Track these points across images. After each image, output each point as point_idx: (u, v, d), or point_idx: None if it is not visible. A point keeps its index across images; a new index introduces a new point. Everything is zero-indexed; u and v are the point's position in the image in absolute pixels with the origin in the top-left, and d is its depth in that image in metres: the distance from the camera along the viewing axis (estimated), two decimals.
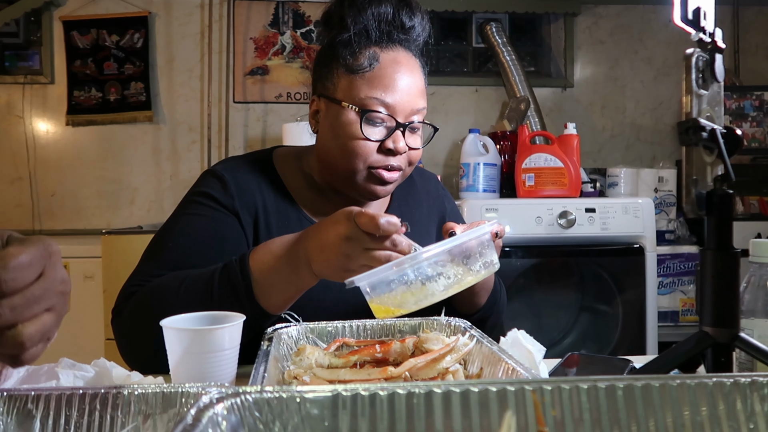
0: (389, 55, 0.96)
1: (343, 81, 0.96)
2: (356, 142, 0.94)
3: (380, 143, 0.95)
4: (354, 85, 0.95)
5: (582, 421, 0.46)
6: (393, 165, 0.95)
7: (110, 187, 3.14)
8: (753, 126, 3.05)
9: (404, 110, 0.95)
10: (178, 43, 3.18)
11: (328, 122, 0.98)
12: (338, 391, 0.45)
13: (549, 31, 3.46)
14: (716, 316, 0.72)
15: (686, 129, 0.71)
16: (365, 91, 0.94)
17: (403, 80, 0.95)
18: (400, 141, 0.95)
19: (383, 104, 0.94)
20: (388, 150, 0.95)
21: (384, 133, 0.95)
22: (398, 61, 0.96)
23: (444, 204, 1.19)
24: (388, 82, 0.94)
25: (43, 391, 0.55)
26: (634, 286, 2.31)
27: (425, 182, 1.19)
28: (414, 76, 0.97)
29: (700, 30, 0.73)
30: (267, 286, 0.82)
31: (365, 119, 0.94)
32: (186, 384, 0.55)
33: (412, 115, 0.96)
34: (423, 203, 1.15)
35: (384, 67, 0.95)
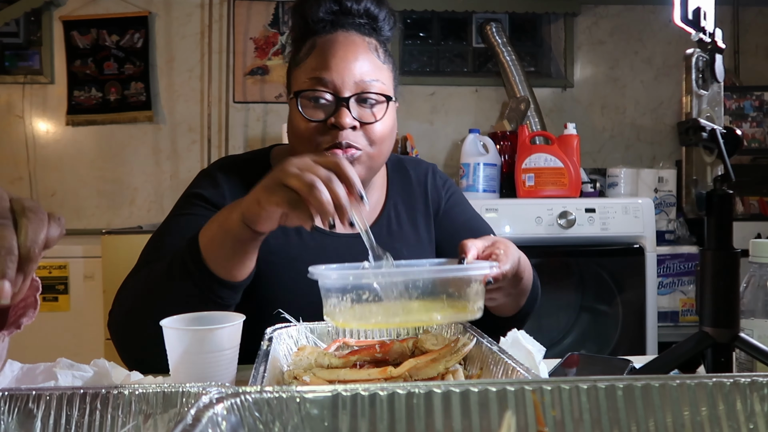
0: (326, 39, 0.95)
1: (291, 76, 0.98)
2: (300, 126, 0.93)
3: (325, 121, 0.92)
4: (296, 75, 0.96)
5: (582, 422, 0.46)
6: (343, 143, 0.91)
7: (110, 187, 3.14)
8: (753, 126, 3.05)
9: (346, 84, 0.92)
10: (178, 43, 3.18)
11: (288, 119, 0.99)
12: (338, 391, 0.45)
13: (549, 31, 3.46)
14: (716, 317, 0.72)
15: (686, 129, 0.71)
16: (303, 76, 0.94)
17: (338, 56, 0.93)
18: (345, 116, 0.91)
19: (320, 82, 0.92)
20: (333, 126, 0.92)
21: (328, 111, 0.93)
22: (335, 40, 0.95)
23: (439, 195, 1.13)
24: (322, 60, 0.93)
25: (43, 391, 0.55)
26: (634, 286, 2.31)
27: (419, 175, 1.14)
28: (355, 50, 0.94)
29: (700, 30, 0.73)
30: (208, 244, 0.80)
31: (303, 99, 0.93)
32: (186, 384, 0.55)
33: (360, 89, 0.93)
34: (419, 199, 1.12)
35: (320, 49, 0.95)
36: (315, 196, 0.69)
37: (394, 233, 1.06)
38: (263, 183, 0.74)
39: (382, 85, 0.95)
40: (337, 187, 0.70)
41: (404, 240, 1.05)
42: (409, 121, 3.26)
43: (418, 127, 3.25)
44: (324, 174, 0.70)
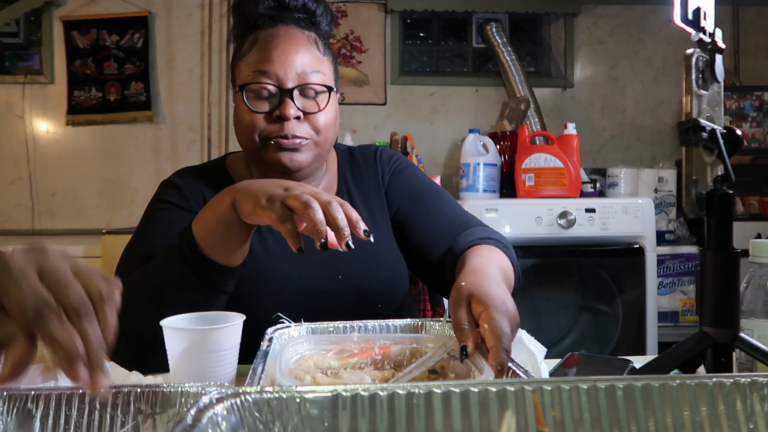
0: (267, 33, 0.98)
1: (235, 70, 1.00)
2: (245, 117, 0.96)
3: (270, 113, 0.95)
4: (240, 69, 0.99)
5: (582, 422, 0.46)
6: (288, 131, 0.94)
7: (110, 187, 3.14)
8: (753, 126, 3.05)
9: (288, 76, 0.95)
10: (178, 43, 3.18)
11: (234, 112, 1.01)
12: (338, 391, 0.45)
13: (549, 31, 3.46)
14: (716, 317, 0.72)
15: (686, 129, 0.71)
16: (246, 70, 0.97)
17: (280, 49, 0.96)
18: (289, 108, 0.94)
19: (264, 75, 0.95)
20: (278, 118, 0.95)
21: (272, 103, 0.96)
22: (276, 34, 0.98)
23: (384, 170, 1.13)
24: (264, 54, 0.96)
25: (42, 391, 0.55)
26: (634, 286, 2.31)
27: (367, 159, 1.15)
28: (295, 43, 0.97)
29: (700, 30, 0.73)
30: (201, 230, 0.82)
31: (248, 92, 0.96)
32: (186, 384, 0.55)
33: (302, 81, 0.95)
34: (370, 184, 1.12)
35: (261, 42, 0.97)
36: (309, 215, 0.70)
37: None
38: (264, 190, 0.75)
39: (323, 76, 0.98)
40: (336, 211, 0.71)
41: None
42: (409, 121, 3.26)
43: (418, 127, 3.25)
44: (325, 199, 0.71)
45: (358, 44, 3.24)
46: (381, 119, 3.26)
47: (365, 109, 3.25)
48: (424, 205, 1.08)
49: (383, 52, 3.26)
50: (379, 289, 1.02)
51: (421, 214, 1.07)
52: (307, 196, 0.71)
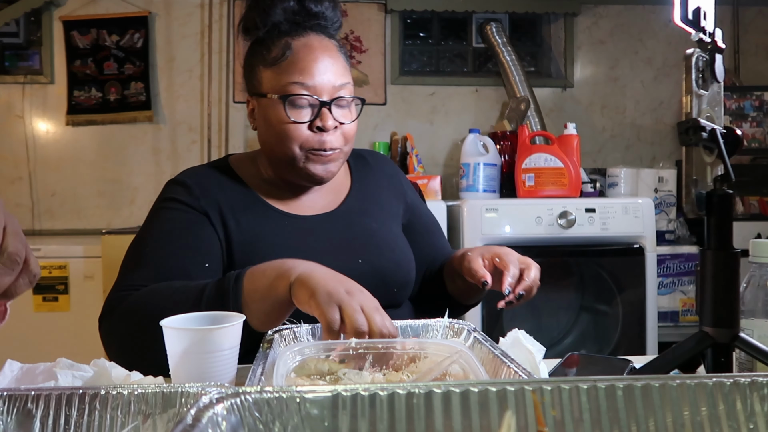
0: (301, 42, 1.01)
1: (264, 76, 1.02)
2: (286, 127, 0.99)
3: (309, 124, 0.99)
4: (274, 76, 1.00)
5: (582, 421, 0.46)
6: (327, 145, 1.00)
7: (110, 187, 3.14)
8: (753, 126, 3.05)
9: (326, 88, 0.99)
10: (178, 43, 3.18)
11: (261, 116, 1.03)
12: (338, 391, 0.45)
13: (549, 31, 3.46)
14: (716, 316, 0.72)
15: (686, 129, 0.71)
16: (284, 78, 0.99)
17: (318, 61, 1.00)
18: (328, 119, 0.99)
19: (303, 87, 0.98)
20: (318, 128, 0.99)
21: (311, 113, 0.99)
22: (310, 44, 1.01)
23: (402, 184, 1.23)
24: (304, 66, 0.99)
25: (43, 391, 0.55)
26: (634, 286, 2.30)
27: (382, 163, 1.23)
28: (331, 56, 1.01)
29: (700, 30, 0.73)
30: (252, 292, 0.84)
31: (288, 104, 0.98)
32: (186, 384, 0.55)
33: (336, 92, 1.00)
34: (382, 185, 1.19)
35: (297, 52, 1.00)
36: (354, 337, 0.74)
37: (361, 209, 1.13)
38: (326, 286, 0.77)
39: (351, 86, 1.03)
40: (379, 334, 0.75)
41: (371, 215, 1.13)
42: (409, 121, 3.26)
43: (418, 127, 3.25)
44: (378, 328, 0.74)
45: (358, 44, 3.24)
46: (381, 119, 3.26)
47: (365, 109, 3.22)
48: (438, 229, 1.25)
49: (383, 52, 3.26)
50: (396, 273, 1.07)
51: (435, 232, 1.23)
52: (361, 320, 0.73)
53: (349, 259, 1.03)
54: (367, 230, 1.09)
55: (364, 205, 1.13)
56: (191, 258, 0.96)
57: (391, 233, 1.13)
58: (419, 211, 1.23)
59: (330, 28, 1.05)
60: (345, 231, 1.07)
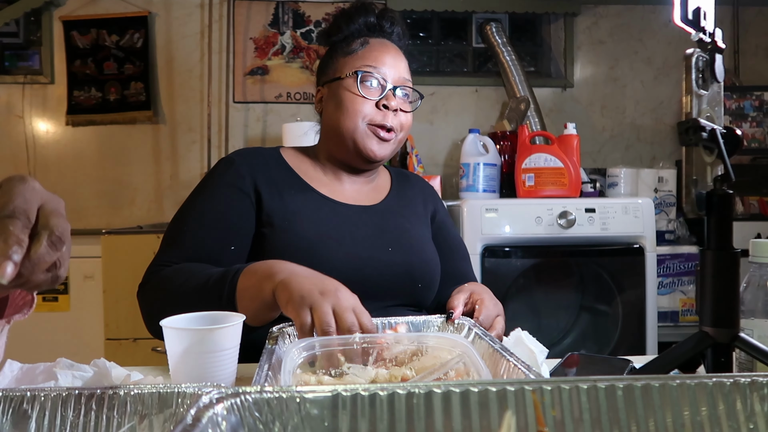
0: (377, 40, 1.16)
1: (340, 63, 1.15)
2: (355, 100, 1.10)
3: (377, 102, 1.11)
4: (350, 61, 1.13)
5: (582, 421, 0.46)
6: (388, 124, 1.11)
7: (110, 187, 3.14)
8: (753, 126, 3.05)
9: (394, 77, 1.13)
10: (178, 43, 3.18)
11: (331, 98, 1.14)
12: (338, 391, 0.45)
13: (549, 31, 3.46)
14: (716, 316, 0.72)
15: (686, 129, 0.71)
16: (359, 63, 1.12)
17: (391, 56, 1.14)
18: (393, 99, 1.12)
19: (376, 70, 1.12)
20: (384, 106, 1.11)
21: (379, 92, 1.12)
22: (385, 43, 1.16)
23: (436, 203, 1.32)
24: (377, 55, 1.13)
25: (39, 392, 0.54)
26: (634, 286, 2.30)
27: (420, 182, 1.34)
28: (400, 56, 1.16)
29: (700, 30, 0.73)
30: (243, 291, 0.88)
31: (361, 81, 1.11)
32: (182, 384, 0.55)
33: (402, 83, 1.14)
34: (417, 199, 1.27)
35: (373, 45, 1.15)
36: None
37: (398, 210, 1.21)
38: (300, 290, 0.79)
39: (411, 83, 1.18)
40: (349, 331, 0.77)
41: (405, 217, 1.21)
42: None
43: (418, 127, 3.25)
44: (347, 326, 0.75)
45: None
46: None
47: None
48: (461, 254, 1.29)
49: None
50: (422, 269, 1.13)
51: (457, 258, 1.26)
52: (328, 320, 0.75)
53: (381, 247, 1.09)
54: (400, 227, 1.16)
55: (399, 208, 1.21)
56: (223, 242, 1.04)
57: (423, 236, 1.20)
58: (447, 231, 1.29)
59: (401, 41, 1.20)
60: (380, 224, 1.15)
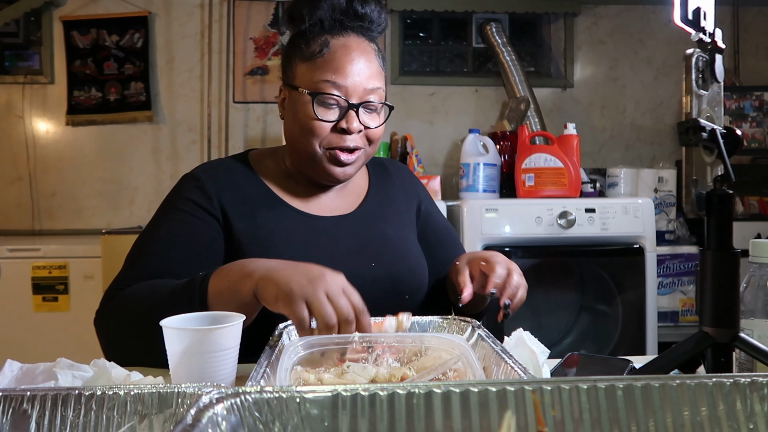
0: (339, 41, 1.01)
1: (299, 68, 1.03)
2: (311, 123, 0.99)
3: (335, 124, 1.00)
4: (308, 71, 1.01)
5: (582, 421, 0.46)
6: (349, 146, 1.00)
7: (110, 187, 3.14)
8: (753, 126, 3.05)
9: (356, 91, 1.00)
10: (178, 43, 3.18)
11: (290, 107, 1.04)
12: (338, 391, 0.45)
13: (549, 31, 3.46)
14: (716, 316, 0.72)
15: (686, 129, 0.71)
16: (318, 75, 1.00)
17: (354, 62, 1.00)
18: (353, 121, 0.99)
19: (335, 86, 0.99)
20: (342, 130, 0.99)
21: (338, 113, 1.00)
22: (348, 45, 1.01)
23: (418, 193, 1.24)
24: (338, 65, 0.99)
25: (38, 392, 0.54)
26: (634, 286, 2.30)
27: (399, 172, 1.24)
28: (367, 59, 1.02)
29: (700, 30, 0.73)
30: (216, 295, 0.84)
31: (317, 101, 0.99)
32: (182, 384, 0.55)
33: (367, 96, 1.01)
34: (399, 193, 1.20)
35: (334, 51, 1.00)
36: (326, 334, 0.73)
37: (378, 214, 1.14)
38: (287, 283, 0.76)
39: (382, 92, 1.04)
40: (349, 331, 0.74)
41: (388, 221, 1.14)
42: (409, 121, 3.26)
43: (418, 127, 3.25)
44: (345, 314, 0.74)
45: None
46: None
47: None
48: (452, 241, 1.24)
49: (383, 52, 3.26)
50: (408, 279, 1.08)
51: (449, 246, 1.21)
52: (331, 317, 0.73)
53: (363, 263, 1.03)
54: (382, 235, 1.10)
55: (380, 210, 1.14)
56: (191, 265, 0.96)
57: (406, 239, 1.13)
58: (434, 219, 1.23)
59: (373, 31, 1.05)
60: (360, 235, 1.08)
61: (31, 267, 2.52)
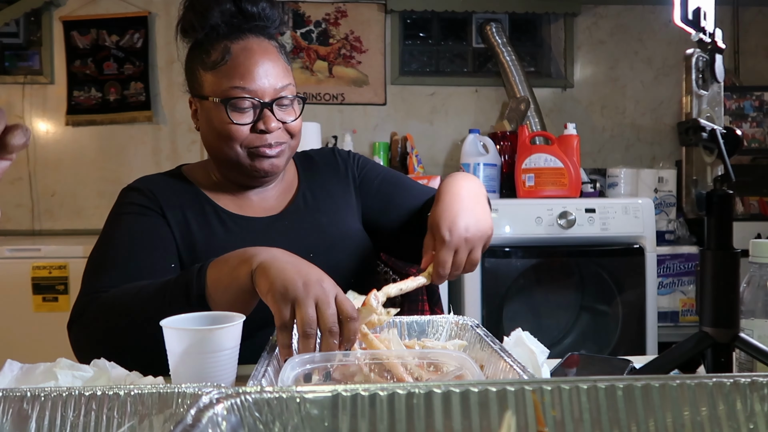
0: (239, 45, 1.01)
1: (205, 79, 1.02)
2: (228, 128, 1.00)
3: (252, 125, 1.01)
4: (215, 80, 1.01)
5: (582, 421, 0.46)
6: (270, 143, 1.01)
7: (110, 187, 3.13)
8: (753, 126, 3.05)
9: (268, 91, 1.00)
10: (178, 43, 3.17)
11: (204, 118, 1.04)
12: (338, 391, 0.45)
13: (549, 31, 3.46)
14: (716, 316, 0.72)
15: (686, 129, 0.71)
16: (225, 82, 1.00)
17: (258, 65, 1.00)
18: (271, 121, 1.00)
19: (245, 90, 0.99)
20: (261, 131, 1.01)
21: (253, 115, 1.01)
22: (249, 48, 1.01)
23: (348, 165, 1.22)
24: (244, 70, 1.00)
25: (39, 392, 0.54)
26: (634, 286, 2.30)
27: (325, 157, 1.24)
28: (271, 59, 1.02)
29: (700, 30, 0.73)
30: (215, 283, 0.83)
31: (230, 107, 0.99)
32: (182, 384, 0.55)
33: (278, 93, 1.02)
34: (329, 177, 1.20)
35: (236, 56, 1.00)
36: (305, 344, 0.72)
37: (310, 206, 1.15)
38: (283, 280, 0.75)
39: (292, 87, 1.05)
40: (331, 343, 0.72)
41: (321, 210, 1.14)
42: (409, 121, 3.26)
43: (418, 127, 3.25)
44: (328, 325, 0.72)
45: (358, 44, 3.24)
46: (381, 119, 3.26)
47: (365, 110, 3.25)
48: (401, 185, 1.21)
49: (383, 52, 3.26)
50: (349, 263, 1.08)
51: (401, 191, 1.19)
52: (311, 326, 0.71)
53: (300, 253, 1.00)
54: (316, 226, 1.10)
55: (312, 201, 1.15)
56: (157, 258, 0.98)
57: (342, 224, 1.13)
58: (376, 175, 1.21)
59: (270, 27, 1.05)
60: (294, 230, 1.09)
61: (31, 267, 2.52)
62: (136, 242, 0.99)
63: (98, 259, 0.99)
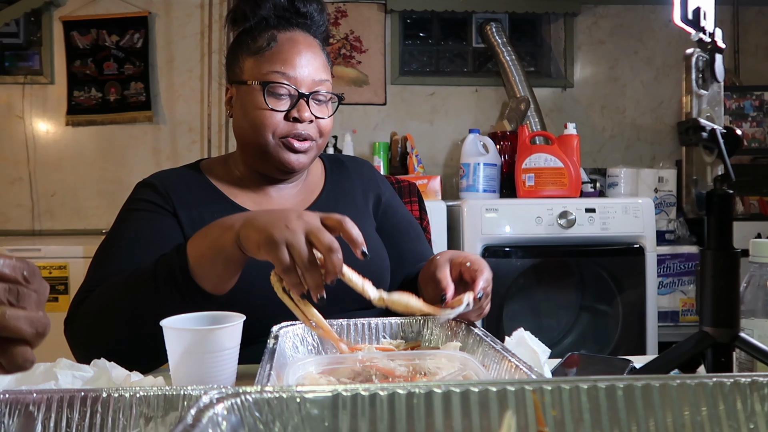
0: (286, 35, 1.04)
1: (247, 63, 1.04)
2: (262, 113, 1.01)
3: (286, 113, 1.01)
4: (256, 64, 1.02)
5: (582, 421, 0.46)
6: (302, 134, 1.02)
7: (110, 187, 3.13)
8: (753, 126, 3.05)
9: (306, 82, 1.02)
10: (178, 43, 3.18)
11: (239, 103, 1.05)
12: (338, 391, 0.45)
13: (549, 31, 3.46)
14: (716, 316, 0.72)
15: (686, 129, 0.71)
16: (266, 67, 1.01)
17: (301, 55, 1.02)
18: (305, 111, 1.01)
19: (284, 76, 1.01)
20: (294, 119, 1.01)
21: (288, 103, 1.02)
22: (295, 39, 1.04)
23: (379, 186, 1.23)
24: (287, 57, 1.01)
25: (44, 394, 0.54)
26: (634, 286, 2.30)
27: (358, 167, 1.24)
28: (313, 52, 1.04)
29: (700, 30, 0.73)
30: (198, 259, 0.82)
31: (268, 91, 1.00)
32: (188, 387, 0.55)
33: (316, 87, 1.03)
34: (357, 186, 1.20)
35: (282, 44, 1.02)
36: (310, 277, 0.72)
37: (333, 209, 1.12)
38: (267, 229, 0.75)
39: (330, 84, 1.06)
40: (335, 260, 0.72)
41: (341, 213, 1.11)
42: (409, 121, 3.26)
43: (418, 127, 3.25)
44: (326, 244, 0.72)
45: (358, 44, 3.24)
46: (381, 119, 3.26)
47: (365, 109, 3.26)
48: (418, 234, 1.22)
49: (383, 52, 3.26)
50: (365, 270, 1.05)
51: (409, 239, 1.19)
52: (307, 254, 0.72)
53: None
54: None
55: (335, 204, 1.14)
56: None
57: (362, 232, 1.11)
58: (395, 212, 1.22)
59: (315, 29, 1.08)
60: None
61: None
62: (141, 241, 0.98)
63: (101, 254, 0.98)
